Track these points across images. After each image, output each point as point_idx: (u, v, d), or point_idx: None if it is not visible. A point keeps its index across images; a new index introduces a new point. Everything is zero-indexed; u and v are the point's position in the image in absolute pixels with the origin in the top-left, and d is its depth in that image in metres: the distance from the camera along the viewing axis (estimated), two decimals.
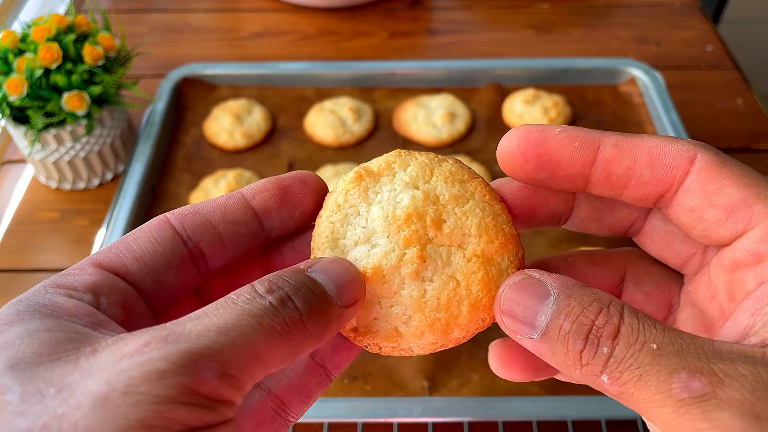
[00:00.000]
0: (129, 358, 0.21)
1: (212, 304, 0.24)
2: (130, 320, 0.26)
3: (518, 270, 0.29)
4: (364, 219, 0.30)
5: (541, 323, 0.25)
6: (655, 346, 0.23)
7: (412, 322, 0.29)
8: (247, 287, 0.25)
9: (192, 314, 0.24)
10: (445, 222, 0.29)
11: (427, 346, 0.29)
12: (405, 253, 0.29)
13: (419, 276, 0.29)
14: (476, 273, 0.29)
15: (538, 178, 0.29)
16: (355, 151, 0.91)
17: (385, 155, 0.31)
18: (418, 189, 0.30)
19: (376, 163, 0.31)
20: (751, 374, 0.22)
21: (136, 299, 0.27)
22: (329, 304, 0.26)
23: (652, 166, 0.27)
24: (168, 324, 0.23)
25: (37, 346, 0.22)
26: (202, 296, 0.32)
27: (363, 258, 0.29)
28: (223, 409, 0.23)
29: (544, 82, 0.99)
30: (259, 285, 0.25)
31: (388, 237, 0.29)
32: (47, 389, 0.21)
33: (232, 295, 0.25)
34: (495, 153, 0.31)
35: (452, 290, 0.29)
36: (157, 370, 0.21)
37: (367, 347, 0.30)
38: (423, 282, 0.29)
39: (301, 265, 0.27)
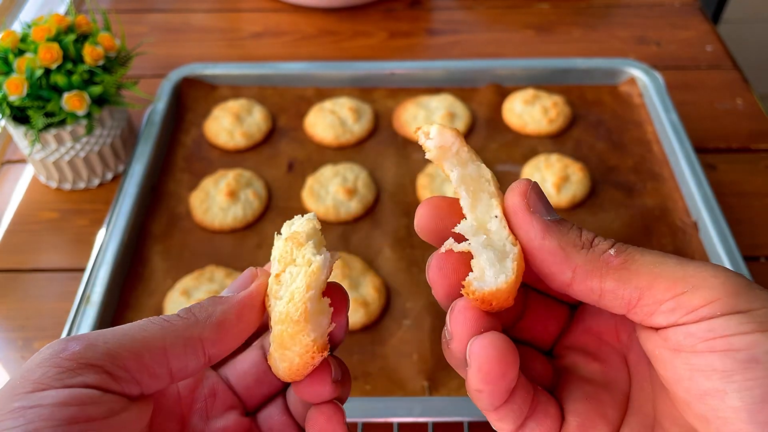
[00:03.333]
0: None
1: None
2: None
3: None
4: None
5: (555, 216, 0.30)
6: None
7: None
8: None
9: None
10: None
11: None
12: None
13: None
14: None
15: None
16: (355, 151, 0.92)
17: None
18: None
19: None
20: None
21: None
22: (219, 298, 0.31)
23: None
24: None
25: None
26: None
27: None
28: (88, 372, 0.26)
29: (543, 82, 0.99)
30: None
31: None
32: None
33: None
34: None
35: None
36: (38, 353, 0.27)
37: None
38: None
39: None
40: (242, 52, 1.13)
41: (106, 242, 0.76)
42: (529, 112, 0.93)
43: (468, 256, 0.31)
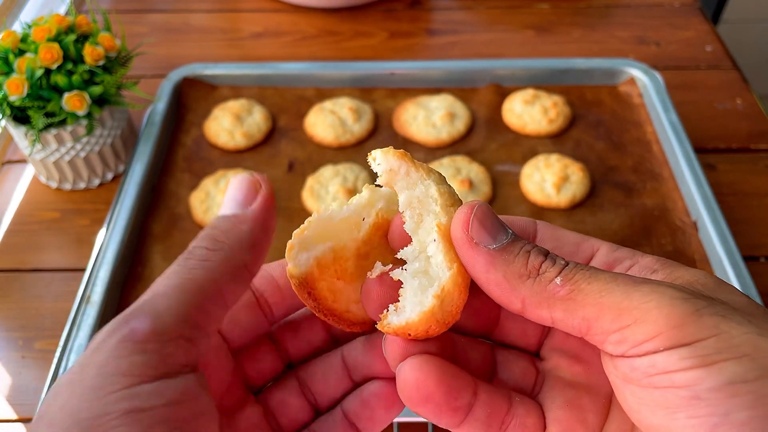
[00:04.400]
0: (87, 348, 0.26)
1: None
2: (207, 356, 0.31)
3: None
4: None
5: (502, 240, 0.28)
6: (598, 266, 0.28)
7: None
8: None
9: None
10: None
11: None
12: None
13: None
14: None
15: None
16: (355, 151, 0.92)
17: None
18: None
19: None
20: (666, 282, 0.27)
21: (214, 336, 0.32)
22: (232, 219, 0.30)
23: (513, 229, 0.32)
24: None
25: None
26: (278, 345, 0.36)
27: None
28: (173, 348, 0.25)
29: (543, 82, 0.99)
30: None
31: None
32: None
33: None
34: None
35: None
36: (97, 341, 0.25)
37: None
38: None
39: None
40: (242, 53, 1.14)
41: (106, 242, 0.76)
42: (528, 112, 0.93)
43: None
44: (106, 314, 0.70)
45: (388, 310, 0.30)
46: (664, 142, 0.89)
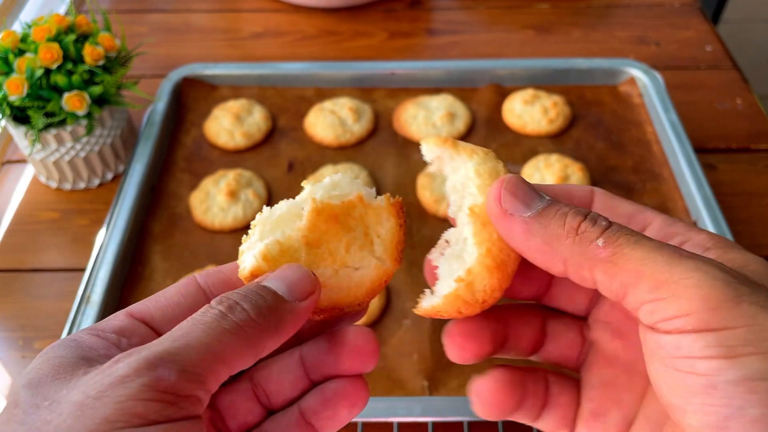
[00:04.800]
0: (102, 372, 0.26)
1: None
2: None
3: None
4: None
5: (537, 206, 0.29)
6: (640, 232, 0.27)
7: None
8: (205, 306, 0.29)
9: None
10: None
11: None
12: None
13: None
14: None
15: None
16: (355, 151, 0.92)
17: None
18: None
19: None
20: (716, 261, 0.27)
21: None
22: (281, 302, 0.29)
23: (569, 198, 0.32)
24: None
25: (48, 369, 0.27)
26: None
27: None
28: (186, 403, 0.26)
29: (543, 83, 0.99)
30: (213, 301, 0.29)
31: None
32: (43, 402, 0.26)
33: (194, 314, 0.28)
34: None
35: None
36: (121, 375, 0.25)
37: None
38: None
39: (256, 281, 0.31)
40: (242, 53, 1.13)
41: (106, 242, 0.76)
42: (528, 112, 0.93)
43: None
44: (105, 314, 0.70)
45: (423, 293, 0.32)
46: (664, 142, 0.89)
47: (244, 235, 0.33)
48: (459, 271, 0.30)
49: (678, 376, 0.25)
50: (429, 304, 0.31)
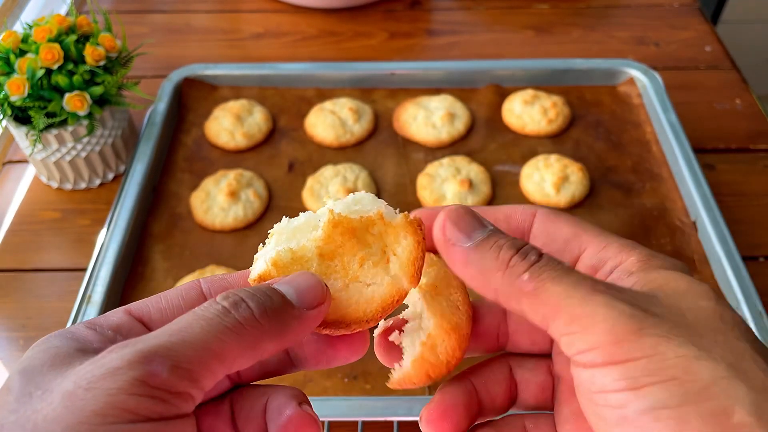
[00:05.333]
0: (93, 363, 0.25)
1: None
2: None
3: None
4: None
5: (477, 237, 0.30)
6: (568, 265, 0.29)
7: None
8: (209, 299, 0.28)
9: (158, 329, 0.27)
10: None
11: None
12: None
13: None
14: None
15: None
16: (355, 151, 0.92)
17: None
18: None
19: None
20: (632, 291, 0.28)
21: None
22: (288, 306, 0.29)
23: (508, 221, 0.34)
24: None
25: (44, 358, 0.27)
26: None
27: None
28: (178, 401, 0.25)
29: (543, 83, 1.00)
30: (220, 296, 0.28)
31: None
32: (36, 391, 0.25)
33: (197, 308, 0.28)
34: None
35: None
36: (113, 367, 0.25)
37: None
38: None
39: (266, 282, 0.30)
40: (243, 53, 1.14)
41: (107, 242, 0.76)
42: (528, 112, 0.93)
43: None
44: None
45: (393, 369, 0.33)
46: (664, 142, 0.90)
47: (261, 244, 0.33)
48: (421, 336, 0.32)
49: (598, 409, 0.27)
50: (399, 374, 0.33)
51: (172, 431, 0.25)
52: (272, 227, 0.33)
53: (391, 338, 0.34)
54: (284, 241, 0.32)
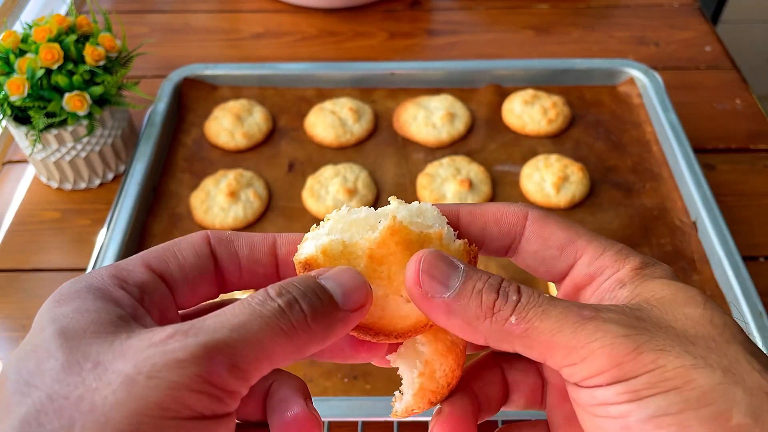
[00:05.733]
0: (155, 347, 0.24)
1: (230, 305, 0.27)
2: (162, 319, 0.30)
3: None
4: None
5: (454, 284, 0.29)
6: (547, 295, 0.29)
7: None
8: (261, 291, 0.28)
9: (212, 313, 0.26)
10: None
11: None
12: None
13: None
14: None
15: None
16: (355, 151, 0.92)
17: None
18: None
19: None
20: (617, 309, 0.28)
21: (170, 302, 0.31)
22: (334, 308, 0.29)
23: (498, 225, 0.33)
24: (191, 321, 0.26)
25: (85, 323, 0.25)
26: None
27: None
28: (230, 399, 0.25)
29: (543, 83, 1.00)
30: (271, 289, 0.28)
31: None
32: (85, 363, 0.24)
33: (248, 297, 0.27)
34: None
35: None
36: (177, 359, 0.24)
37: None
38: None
39: (313, 273, 0.30)
40: (243, 53, 1.14)
41: (106, 242, 0.76)
42: (528, 112, 0.93)
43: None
44: None
45: (395, 399, 0.33)
46: (664, 142, 0.90)
47: (314, 225, 0.33)
48: (418, 366, 0.32)
49: (598, 421, 0.28)
50: (402, 407, 0.33)
51: (220, 428, 0.25)
52: (330, 212, 0.33)
53: (387, 357, 0.34)
54: (339, 231, 0.32)
